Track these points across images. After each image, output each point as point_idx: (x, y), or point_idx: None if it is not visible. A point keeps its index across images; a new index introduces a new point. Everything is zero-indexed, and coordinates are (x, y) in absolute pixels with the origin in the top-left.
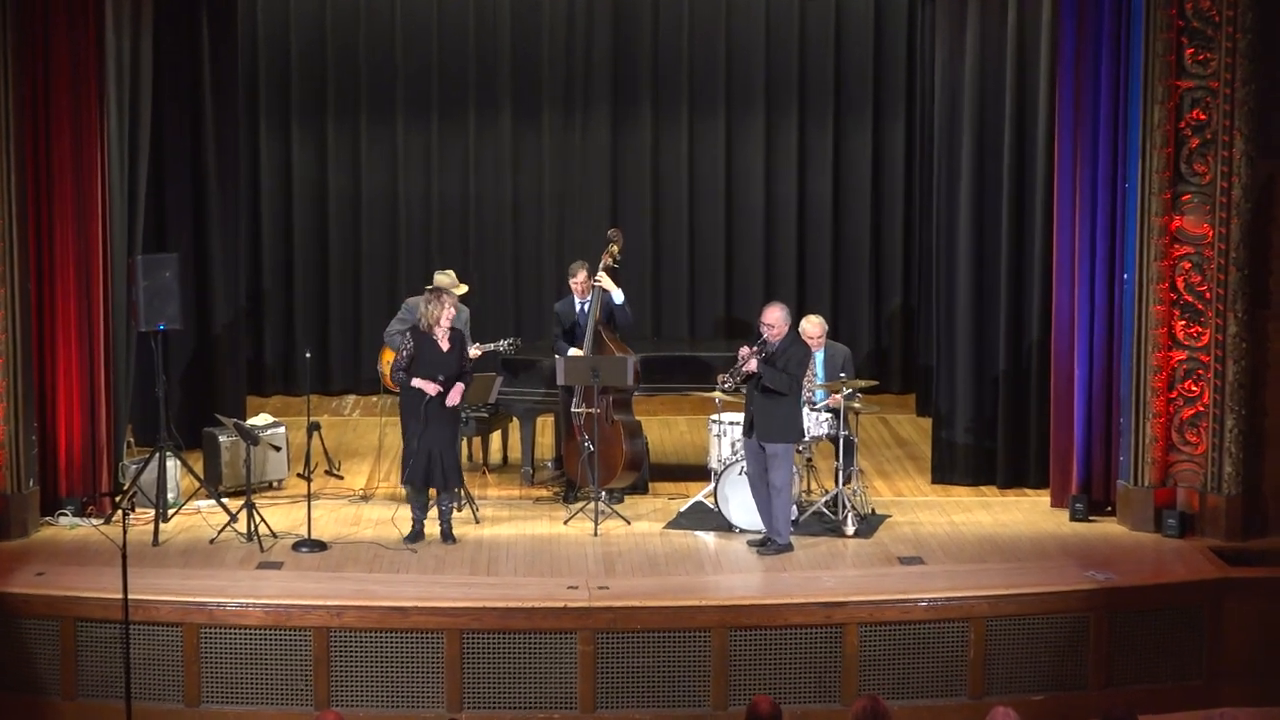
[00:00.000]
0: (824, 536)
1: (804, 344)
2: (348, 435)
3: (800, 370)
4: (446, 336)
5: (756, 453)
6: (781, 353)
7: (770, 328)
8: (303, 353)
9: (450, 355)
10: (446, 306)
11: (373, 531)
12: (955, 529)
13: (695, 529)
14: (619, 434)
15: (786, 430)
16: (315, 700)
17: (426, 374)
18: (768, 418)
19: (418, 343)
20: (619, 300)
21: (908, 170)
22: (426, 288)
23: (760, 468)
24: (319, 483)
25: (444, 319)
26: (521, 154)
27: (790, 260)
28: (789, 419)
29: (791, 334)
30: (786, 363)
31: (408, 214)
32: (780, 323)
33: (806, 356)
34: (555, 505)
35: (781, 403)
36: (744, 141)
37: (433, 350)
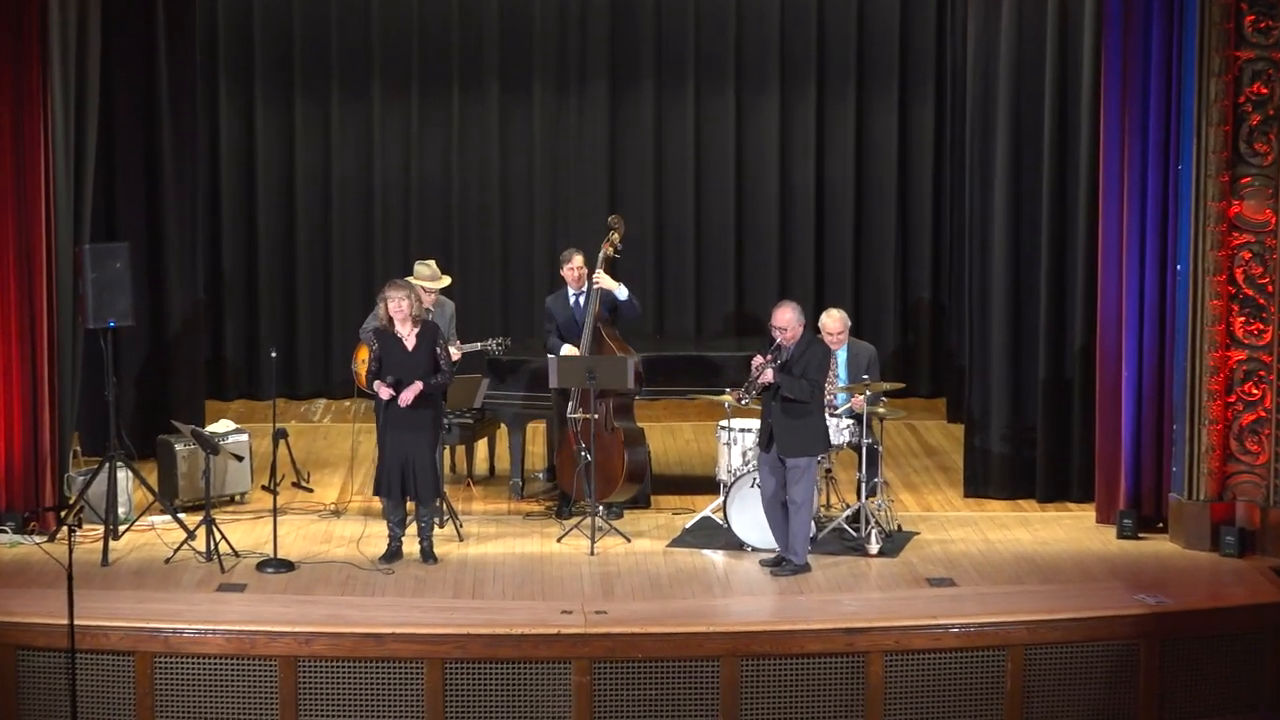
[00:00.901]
0: (845, 556)
1: (822, 344)
2: (318, 443)
3: (821, 374)
4: (413, 333)
5: (775, 467)
6: (799, 357)
7: (783, 331)
8: (268, 352)
9: (418, 355)
10: (397, 300)
11: (345, 550)
12: (990, 547)
13: (702, 547)
14: (618, 442)
15: (811, 443)
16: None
17: (394, 374)
18: (790, 431)
19: (382, 343)
20: (623, 296)
21: (937, 153)
22: (405, 278)
23: (776, 483)
24: (286, 496)
25: (394, 311)
26: (511, 133)
27: (807, 251)
28: (813, 430)
29: (808, 334)
30: (805, 367)
31: (384, 199)
32: (793, 324)
33: (827, 357)
34: (548, 521)
35: (804, 412)
36: (756, 120)
37: (397, 350)
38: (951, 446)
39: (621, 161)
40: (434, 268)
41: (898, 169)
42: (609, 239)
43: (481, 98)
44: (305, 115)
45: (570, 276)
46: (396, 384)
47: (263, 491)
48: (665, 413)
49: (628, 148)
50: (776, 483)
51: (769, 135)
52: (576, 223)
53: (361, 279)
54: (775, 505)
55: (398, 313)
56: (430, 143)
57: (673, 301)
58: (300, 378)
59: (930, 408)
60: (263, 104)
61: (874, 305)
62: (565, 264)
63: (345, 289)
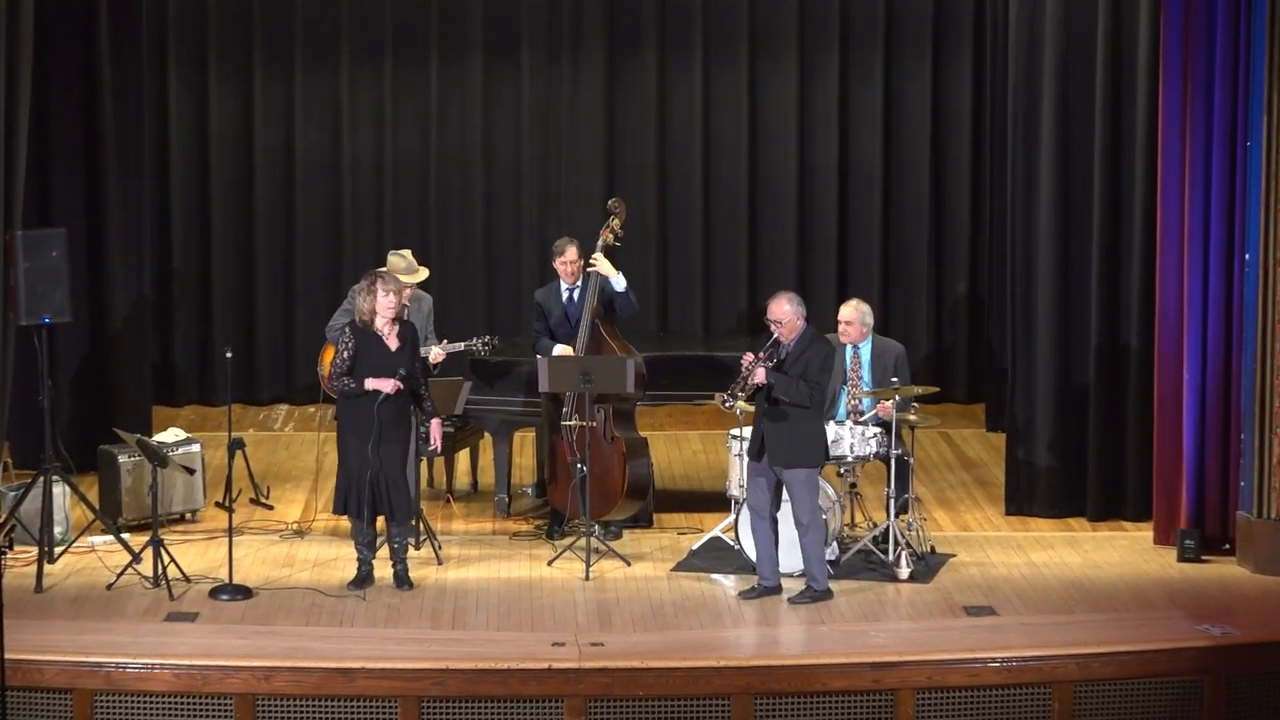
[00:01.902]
0: (872, 581)
1: (824, 342)
2: (279, 455)
3: (823, 376)
4: (395, 332)
5: (767, 480)
6: (797, 356)
7: (778, 324)
8: (223, 352)
9: (401, 355)
10: (382, 294)
11: (310, 575)
12: (1035, 571)
13: (711, 571)
14: (617, 453)
15: (808, 452)
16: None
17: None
18: (783, 437)
19: (359, 342)
20: (620, 286)
21: (975, 128)
22: (377, 270)
23: (767, 498)
24: (243, 514)
25: (383, 309)
26: (495, 107)
27: (829, 239)
28: (810, 437)
29: (809, 330)
30: (805, 368)
31: (354, 183)
32: (791, 317)
33: (830, 357)
34: (537, 542)
35: (800, 418)
36: (772, 92)
37: (377, 350)
38: (991, 458)
39: (621, 138)
40: (409, 259)
41: (931, 147)
42: (609, 225)
43: (463, 67)
44: (265, 89)
45: (564, 271)
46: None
47: (217, 509)
48: (670, 420)
49: (628, 123)
50: (767, 498)
51: (786, 109)
52: (570, 208)
53: (328, 271)
54: (763, 523)
55: (388, 311)
56: (405, 118)
57: (678, 295)
58: (259, 381)
59: (967, 415)
60: (217, 76)
61: (904, 299)
62: (558, 256)
63: (310, 282)
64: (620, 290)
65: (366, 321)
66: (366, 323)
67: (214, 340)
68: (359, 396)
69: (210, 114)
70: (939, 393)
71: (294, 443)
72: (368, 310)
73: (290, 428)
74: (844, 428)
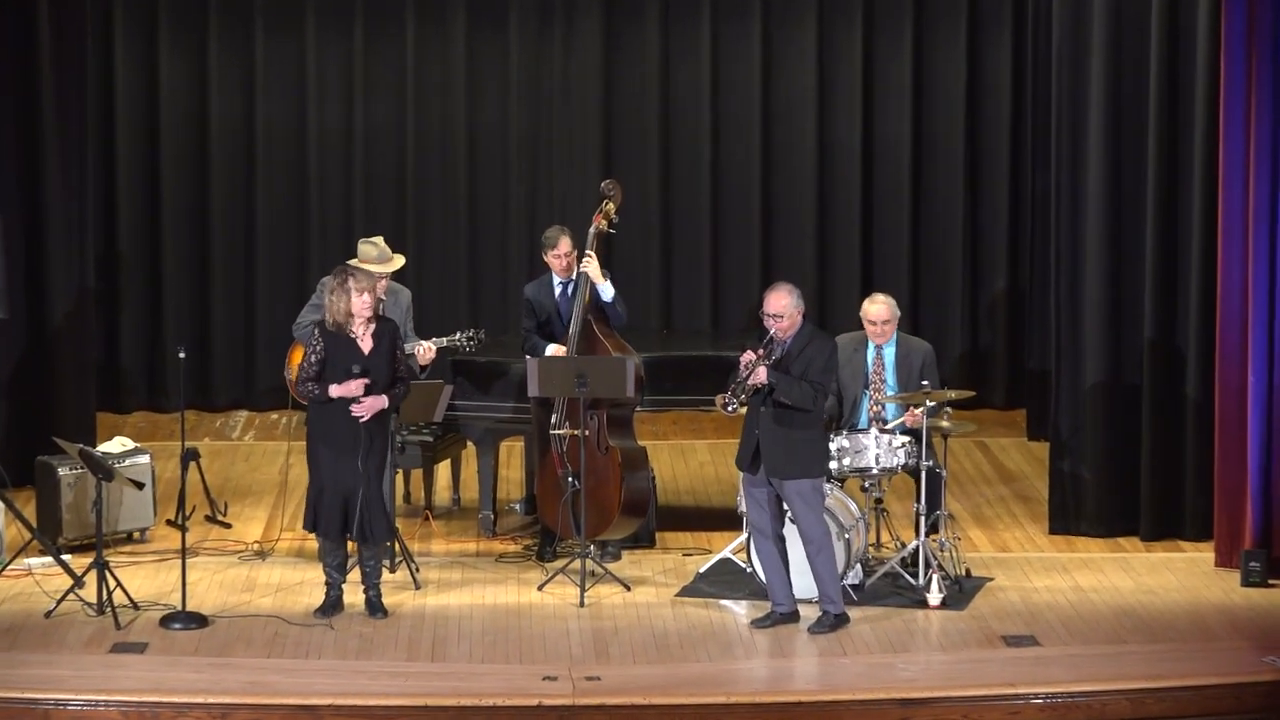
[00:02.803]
0: (900, 607)
1: (825, 338)
2: (238, 467)
3: (827, 375)
4: (369, 332)
5: (765, 494)
6: (797, 353)
7: (777, 319)
8: (175, 352)
9: (377, 359)
10: (356, 293)
11: (272, 601)
12: (1082, 597)
13: (720, 597)
14: (614, 465)
15: (809, 461)
16: None
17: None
18: (781, 445)
19: (329, 344)
20: (607, 296)
21: (1015, 103)
22: (347, 262)
23: (769, 513)
24: (197, 533)
25: (358, 310)
26: (479, 77)
27: (851, 226)
28: (811, 444)
29: (809, 326)
30: (806, 366)
31: (322, 160)
32: (790, 311)
33: (833, 355)
34: (526, 564)
35: (799, 423)
36: (788, 61)
37: (349, 353)
38: (1033, 470)
39: (619, 113)
40: (382, 246)
41: (965, 123)
42: (603, 210)
43: (443, 31)
44: (221, 57)
45: (556, 264)
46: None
47: (168, 528)
48: (674, 428)
49: (627, 96)
50: (769, 513)
51: (804, 80)
52: (563, 190)
53: (293, 259)
54: (767, 542)
55: (364, 311)
56: (378, 89)
57: (683, 289)
58: (216, 384)
59: (1006, 422)
60: (168, 41)
61: (936, 293)
62: (550, 248)
63: (273, 274)
64: (607, 300)
65: (340, 324)
66: (340, 325)
67: (165, 337)
68: (325, 403)
69: (161, 84)
70: (974, 397)
71: (255, 453)
72: (341, 312)
73: (251, 437)
74: (869, 436)
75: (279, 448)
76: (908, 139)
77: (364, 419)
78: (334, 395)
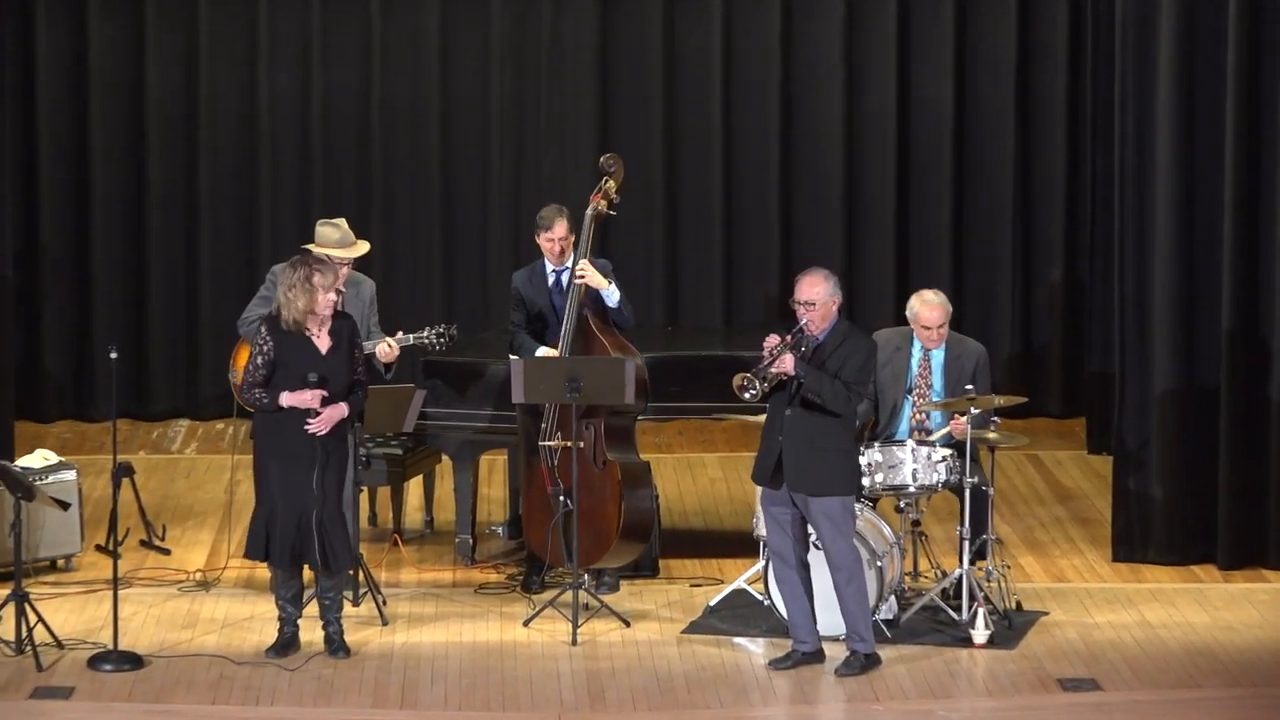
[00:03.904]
0: (940, 646)
1: (865, 338)
2: (178, 484)
3: (863, 377)
4: (326, 330)
5: (788, 513)
6: (830, 350)
7: (809, 307)
8: (105, 352)
9: (335, 361)
10: (322, 290)
11: (217, 639)
12: (1150, 635)
13: (734, 634)
14: (613, 482)
15: (839, 475)
16: None
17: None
18: (808, 456)
19: (279, 344)
20: (613, 300)
21: (1072, 70)
22: (302, 247)
23: (792, 537)
24: (132, 560)
25: (321, 308)
26: (456, 36)
27: (884, 208)
28: (841, 456)
29: (844, 322)
30: (840, 366)
31: (274, 135)
32: (825, 299)
33: (872, 356)
34: (510, 596)
35: (829, 431)
36: (811, 22)
37: (304, 354)
38: (1095, 488)
39: (617, 79)
40: (344, 229)
41: (1016, 94)
42: (602, 189)
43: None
44: (159, 19)
45: (550, 249)
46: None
47: (98, 554)
48: (681, 439)
49: (626, 59)
50: (792, 537)
51: (830, 44)
52: (552, 167)
53: (241, 249)
54: (789, 570)
55: (326, 311)
56: (340, 53)
57: (691, 281)
58: (152, 389)
59: (1063, 432)
60: (98, 3)
61: (982, 286)
62: (543, 230)
63: (218, 262)
64: (612, 305)
65: (296, 321)
66: (296, 322)
67: (94, 336)
68: (274, 412)
69: (90, 50)
70: (1026, 404)
71: (197, 469)
72: (299, 309)
73: (192, 449)
74: (905, 449)
75: (224, 462)
76: (949, 112)
77: (322, 433)
78: (285, 405)
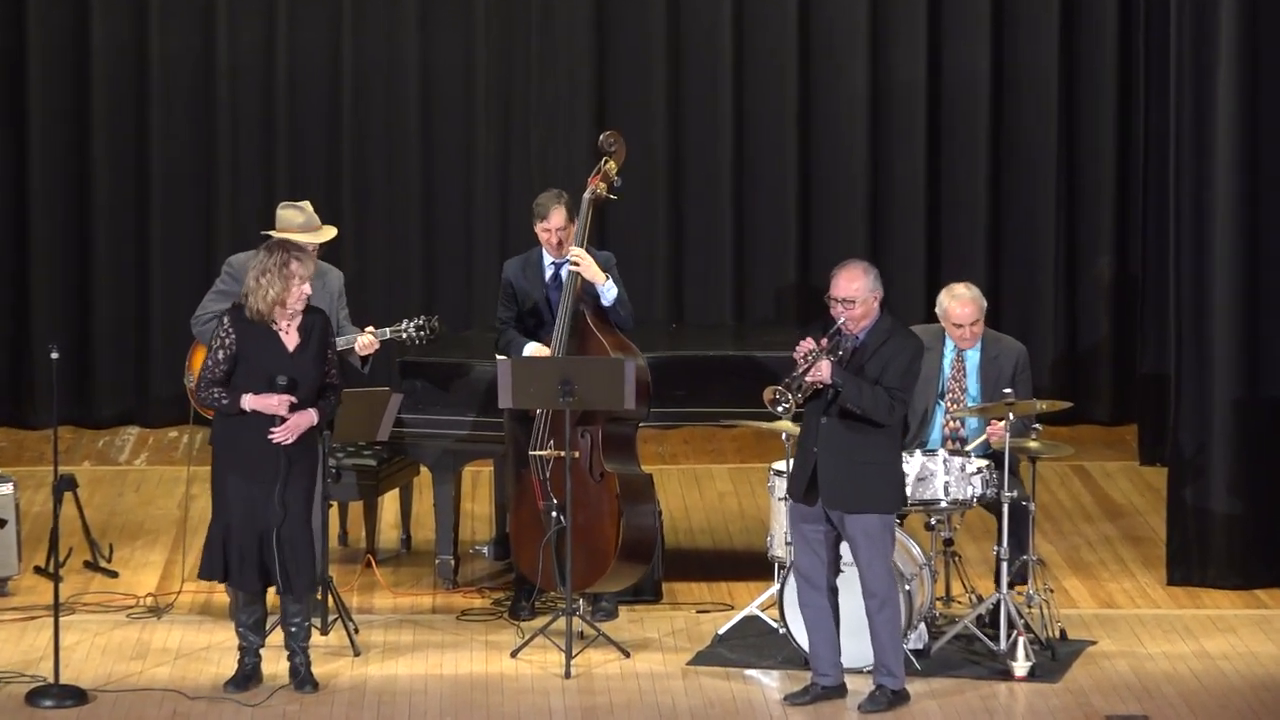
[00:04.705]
0: (976, 679)
1: (910, 335)
2: (126, 499)
3: (908, 381)
4: (296, 324)
5: (825, 531)
6: (872, 351)
7: (849, 305)
8: (45, 351)
9: (304, 358)
10: (298, 281)
11: (170, 671)
12: (1209, 666)
13: (746, 666)
14: (611, 497)
15: (882, 490)
16: None
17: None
18: (846, 469)
19: (243, 335)
20: (609, 298)
21: (1122, 35)
22: (262, 233)
23: (824, 559)
24: (75, 583)
25: (294, 300)
26: (438, 3)
27: (913, 190)
28: (884, 470)
29: (886, 318)
30: (882, 369)
31: (234, 106)
32: (866, 296)
33: (918, 357)
34: (496, 622)
35: (871, 442)
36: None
37: (270, 349)
38: (1147, 504)
39: (616, 48)
40: (309, 212)
41: (1060, 63)
42: (601, 169)
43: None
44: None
45: (548, 241)
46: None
47: (37, 576)
48: (686, 449)
49: (626, 25)
50: (824, 559)
51: (851, 6)
52: (544, 145)
53: (197, 235)
54: (819, 595)
55: (299, 305)
56: (307, 14)
57: (698, 272)
58: (98, 393)
59: (1113, 441)
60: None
61: (1022, 279)
62: (539, 219)
63: (170, 251)
64: (608, 303)
65: (262, 312)
66: (262, 313)
67: (32, 334)
68: (233, 416)
69: (28, 7)
70: (1071, 410)
71: (148, 481)
72: (271, 298)
73: (143, 460)
74: (935, 460)
75: (178, 474)
76: (985, 82)
77: (287, 442)
78: (248, 408)
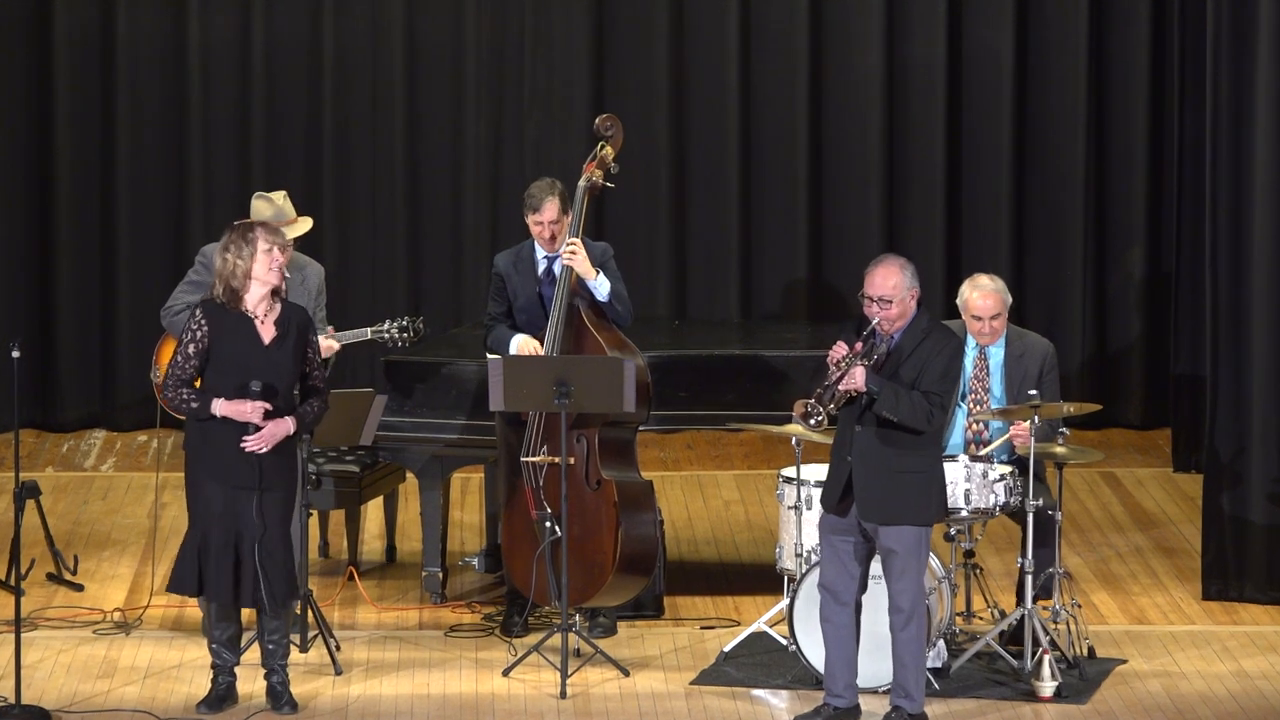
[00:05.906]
0: (998, 700)
1: (948, 333)
2: (92, 507)
3: (947, 385)
4: (274, 317)
5: (856, 543)
6: (908, 352)
7: (885, 304)
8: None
9: (280, 353)
10: (264, 246)
11: (140, 690)
12: (1248, 686)
13: (753, 685)
14: (608, 505)
15: (920, 502)
16: None
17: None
18: (882, 478)
19: (215, 328)
20: (603, 293)
21: (1156, 17)
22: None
23: (853, 573)
24: (36, 597)
25: (263, 272)
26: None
27: (931, 179)
28: (924, 480)
29: (923, 316)
30: (919, 371)
31: (206, 88)
32: (903, 294)
33: (957, 357)
34: (487, 639)
35: (909, 450)
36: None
37: (244, 343)
38: (1182, 513)
39: (615, 26)
40: (281, 203)
41: (1088, 45)
42: (597, 156)
43: None
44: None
45: (540, 234)
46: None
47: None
48: (690, 454)
49: (626, 3)
50: (853, 573)
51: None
52: (537, 130)
53: (166, 227)
54: (843, 611)
55: (271, 277)
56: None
57: (701, 265)
58: (62, 395)
59: (1144, 446)
60: None
61: (1048, 275)
62: (531, 211)
63: (138, 246)
64: (602, 298)
65: (234, 291)
66: (234, 293)
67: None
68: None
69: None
70: (1101, 413)
71: (115, 488)
72: (238, 274)
73: (110, 466)
74: (956, 466)
75: (148, 481)
76: (1009, 63)
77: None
78: (219, 414)
